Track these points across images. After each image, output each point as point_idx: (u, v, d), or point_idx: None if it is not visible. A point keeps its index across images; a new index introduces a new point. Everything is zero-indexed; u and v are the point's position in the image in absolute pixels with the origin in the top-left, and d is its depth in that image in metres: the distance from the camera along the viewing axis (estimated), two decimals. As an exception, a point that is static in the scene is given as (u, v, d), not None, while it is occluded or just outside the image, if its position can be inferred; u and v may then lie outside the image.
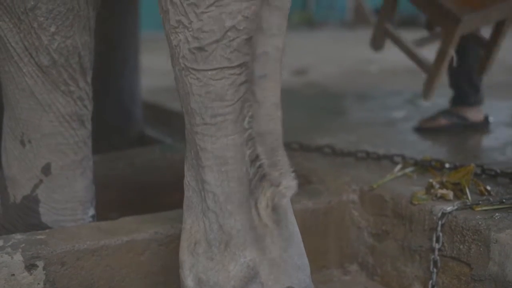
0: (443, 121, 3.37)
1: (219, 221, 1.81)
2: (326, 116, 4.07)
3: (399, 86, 4.97)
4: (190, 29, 1.71)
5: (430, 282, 2.26)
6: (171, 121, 4.31)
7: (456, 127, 3.36)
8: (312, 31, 10.72)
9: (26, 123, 2.23)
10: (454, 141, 3.14)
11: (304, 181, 2.85)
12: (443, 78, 3.55)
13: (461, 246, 2.20)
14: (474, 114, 3.42)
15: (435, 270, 2.25)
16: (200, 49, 1.72)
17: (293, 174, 1.69)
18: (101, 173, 3.07)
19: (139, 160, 3.27)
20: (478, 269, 2.16)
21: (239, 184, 1.79)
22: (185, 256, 1.87)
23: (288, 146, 3.07)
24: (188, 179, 1.89)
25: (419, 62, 3.21)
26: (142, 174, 3.21)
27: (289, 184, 1.70)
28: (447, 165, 2.62)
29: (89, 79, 2.28)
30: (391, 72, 5.97)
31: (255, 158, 1.71)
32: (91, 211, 2.37)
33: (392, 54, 4.11)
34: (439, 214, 2.25)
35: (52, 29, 2.13)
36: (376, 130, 3.54)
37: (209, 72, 1.73)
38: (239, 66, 1.72)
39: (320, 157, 2.97)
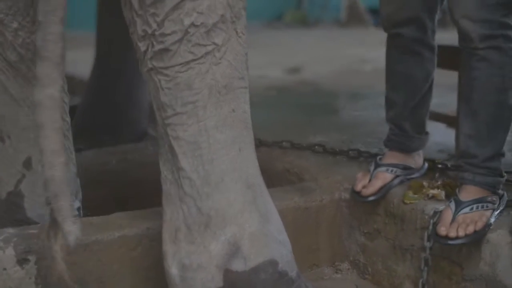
0: None
1: (197, 204, 1.86)
2: (319, 114, 4.08)
3: (392, 86, 4.96)
4: (155, 35, 1.81)
5: (421, 281, 2.26)
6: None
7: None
8: (306, 30, 10.72)
9: (3, 119, 2.23)
10: (449, 142, 3.14)
11: (297, 179, 2.85)
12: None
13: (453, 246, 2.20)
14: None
15: (426, 269, 2.25)
16: (166, 50, 1.81)
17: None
18: (93, 169, 3.08)
19: (132, 156, 3.27)
20: (469, 268, 2.16)
21: (214, 166, 1.86)
22: (167, 246, 1.91)
23: (279, 144, 3.09)
24: (165, 173, 1.95)
25: None
26: (135, 170, 3.21)
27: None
28: (439, 166, 2.62)
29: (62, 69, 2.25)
30: (384, 71, 5.97)
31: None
32: (76, 204, 2.36)
33: (385, 54, 4.12)
34: (431, 213, 2.25)
35: (14, 25, 2.11)
36: (369, 129, 3.54)
37: (176, 67, 1.82)
38: (202, 57, 1.82)
39: (312, 155, 2.98)
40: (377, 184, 2.49)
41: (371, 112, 4.06)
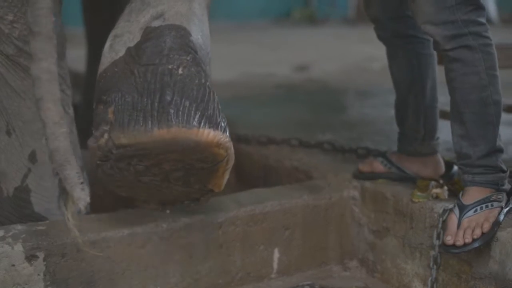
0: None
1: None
2: (328, 112, 4.08)
3: (401, 84, 4.96)
4: None
5: (430, 279, 2.26)
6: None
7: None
8: (314, 27, 10.71)
9: (7, 111, 2.24)
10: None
11: (305, 176, 2.85)
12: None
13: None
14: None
15: (435, 267, 2.25)
16: None
17: None
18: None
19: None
20: (479, 267, 2.16)
21: None
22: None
23: (287, 142, 3.09)
24: None
25: None
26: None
27: None
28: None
29: (63, 64, 2.25)
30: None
31: None
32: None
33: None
34: (441, 211, 2.25)
35: (10, 17, 2.12)
36: (378, 127, 3.54)
37: None
38: None
39: (321, 153, 2.97)
40: (367, 168, 2.63)
41: (380, 110, 4.05)
